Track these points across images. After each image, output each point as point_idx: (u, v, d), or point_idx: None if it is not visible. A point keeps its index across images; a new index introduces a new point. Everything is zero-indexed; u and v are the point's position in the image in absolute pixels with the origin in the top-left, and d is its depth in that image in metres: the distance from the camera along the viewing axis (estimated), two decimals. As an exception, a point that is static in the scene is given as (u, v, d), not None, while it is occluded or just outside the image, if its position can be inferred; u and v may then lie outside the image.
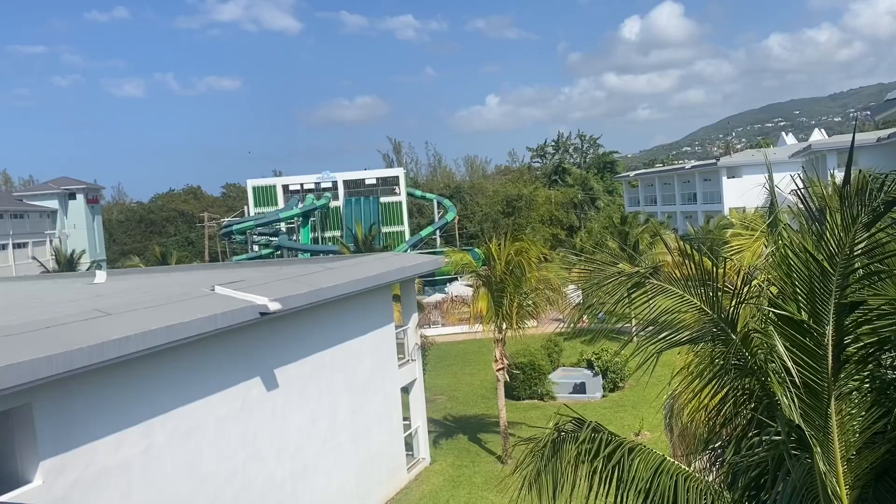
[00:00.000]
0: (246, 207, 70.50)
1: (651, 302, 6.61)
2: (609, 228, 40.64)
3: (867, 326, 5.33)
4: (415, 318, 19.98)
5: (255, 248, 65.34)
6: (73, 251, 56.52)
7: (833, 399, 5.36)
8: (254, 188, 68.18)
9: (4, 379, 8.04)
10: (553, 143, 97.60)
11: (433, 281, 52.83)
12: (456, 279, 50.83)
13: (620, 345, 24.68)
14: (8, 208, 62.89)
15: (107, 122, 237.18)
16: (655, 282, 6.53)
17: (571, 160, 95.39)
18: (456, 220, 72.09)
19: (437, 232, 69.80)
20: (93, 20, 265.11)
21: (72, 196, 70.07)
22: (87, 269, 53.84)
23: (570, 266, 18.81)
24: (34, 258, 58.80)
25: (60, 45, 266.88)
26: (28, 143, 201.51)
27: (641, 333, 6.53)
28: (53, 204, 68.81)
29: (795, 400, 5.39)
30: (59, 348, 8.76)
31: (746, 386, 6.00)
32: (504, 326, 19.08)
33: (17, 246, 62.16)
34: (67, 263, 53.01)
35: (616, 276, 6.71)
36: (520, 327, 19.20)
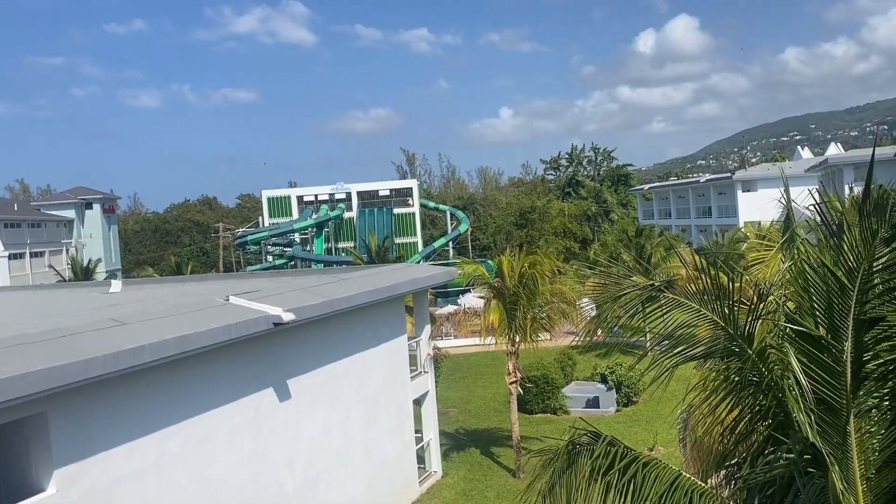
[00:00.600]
0: (260, 218, 70.88)
1: (666, 316, 6.56)
2: (623, 241, 40.48)
3: (887, 343, 5.27)
4: (427, 329, 19.95)
5: (270, 258, 65.59)
6: (90, 260, 57.01)
7: (852, 416, 5.29)
8: (269, 199, 68.56)
9: (20, 387, 8.09)
10: (567, 156, 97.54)
11: (446, 292, 52.76)
12: (468, 291, 50.79)
13: (635, 359, 24.55)
14: (26, 217, 63.50)
15: (124, 133, 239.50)
16: (670, 295, 6.48)
17: (585, 173, 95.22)
18: (469, 232, 72.10)
19: (450, 243, 69.78)
20: (111, 32, 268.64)
21: (88, 206, 70.75)
22: (103, 279, 54.23)
23: (584, 279, 18.79)
24: (51, 267, 59.35)
25: (79, 56, 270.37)
26: (46, 153, 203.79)
27: (656, 347, 6.47)
28: (70, 214, 69.48)
29: (812, 417, 5.32)
30: (74, 357, 8.81)
31: (762, 402, 5.93)
32: (517, 339, 19.00)
33: (35, 255, 62.73)
34: (83, 273, 53.46)
35: (630, 289, 6.67)
36: (533, 340, 19.12)
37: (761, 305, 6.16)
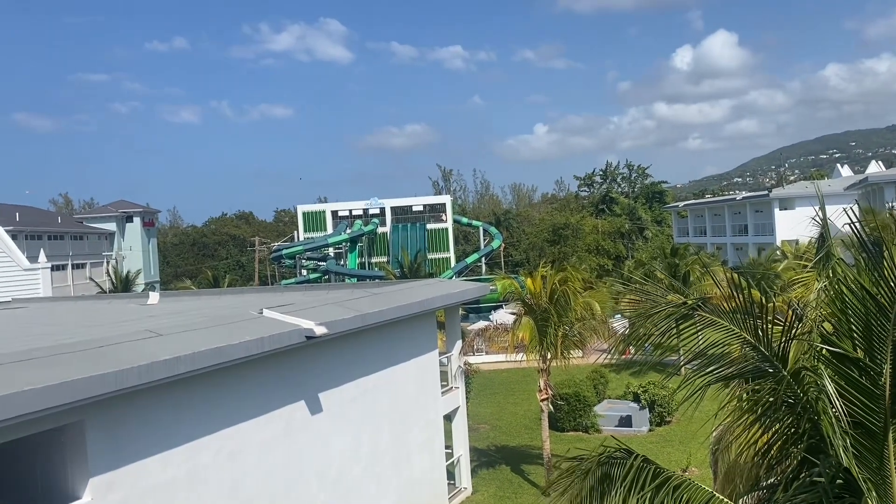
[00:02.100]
0: (296, 232, 71.64)
1: (699, 334, 6.47)
2: (658, 259, 40.05)
3: (927, 366, 5.12)
4: (458, 345, 19.92)
5: (304, 272, 66.17)
6: (129, 272, 58.13)
7: (890, 441, 5.15)
8: (304, 213, 69.33)
9: (59, 396, 8.25)
10: (601, 173, 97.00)
11: (478, 308, 52.58)
12: (500, 307, 50.59)
13: (666, 377, 24.21)
14: (69, 230, 64.99)
15: (164, 148, 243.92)
16: (704, 313, 6.40)
17: (619, 190, 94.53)
18: (502, 248, 71.98)
19: (483, 259, 69.70)
20: (153, 50, 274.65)
21: (129, 219, 72.22)
22: (142, 291, 55.24)
23: (617, 296, 18.69)
24: (91, 279, 60.63)
25: (122, 72, 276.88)
26: (89, 167, 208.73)
27: (689, 366, 6.38)
28: (111, 226, 70.99)
29: (848, 441, 5.19)
30: (111, 367, 8.97)
31: (796, 425, 5.80)
32: (548, 356, 18.89)
33: (76, 266, 64.13)
34: (123, 284, 54.50)
35: (664, 306, 6.60)
36: (564, 357, 18.99)
37: (796, 325, 6.04)
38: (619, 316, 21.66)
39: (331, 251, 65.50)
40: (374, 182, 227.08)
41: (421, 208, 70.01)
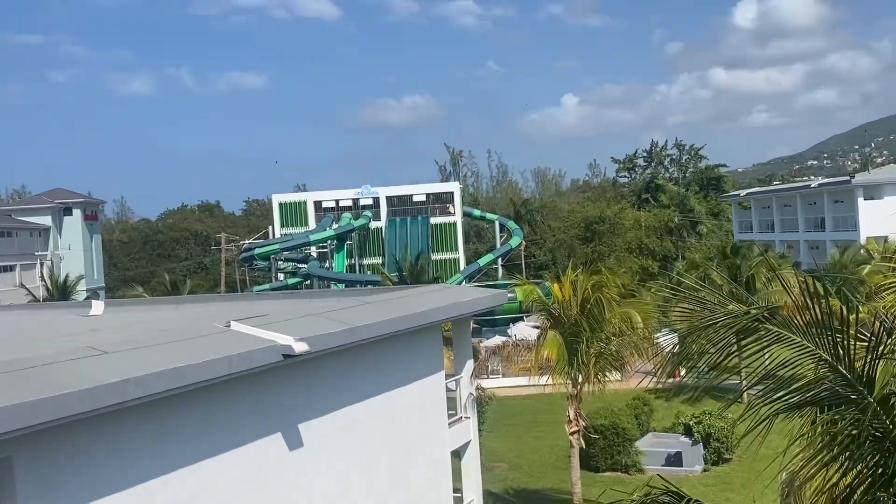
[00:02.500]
0: (270, 228, 71.94)
1: (766, 352, 6.47)
2: (714, 260, 39.98)
3: None
4: (470, 365, 19.94)
5: (281, 276, 66.33)
6: (67, 276, 58.39)
7: None
8: (280, 205, 69.65)
9: (-17, 427, 8.28)
10: (645, 154, 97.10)
11: (493, 320, 52.65)
12: (521, 319, 50.60)
13: (725, 405, 24.19)
14: (-6, 225, 65.22)
15: (110, 125, 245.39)
16: (772, 327, 6.40)
17: (667, 175, 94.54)
18: (522, 247, 72.09)
19: (500, 261, 69.81)
20: (97, 5, 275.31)
21: (67, 211, 72.44)
22: (83, 299, 55.44)
23: (664, 305, 18.63)
24: (21, 285, 60.93)
25: (59, 34, 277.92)
26: (20, 148, 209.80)
27: (753, 392, 6.38)
28: (46, 220, 71.13)
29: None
30: (45, 392, 9.00)
31: (885, 464, 5.79)
32: (579, 379, 18.91)
33: (3, 269, 64.37)
34: (60, 291, 54.76)
35: (722, 318, 6.59)
36: (599, 381, 19.02)
37: (885, 341, 6.03)
38: (667, 330, 21.60)
39: (313, 251, 65.69)
40: (366, 166, 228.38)
41: (423, 198, 70.17)
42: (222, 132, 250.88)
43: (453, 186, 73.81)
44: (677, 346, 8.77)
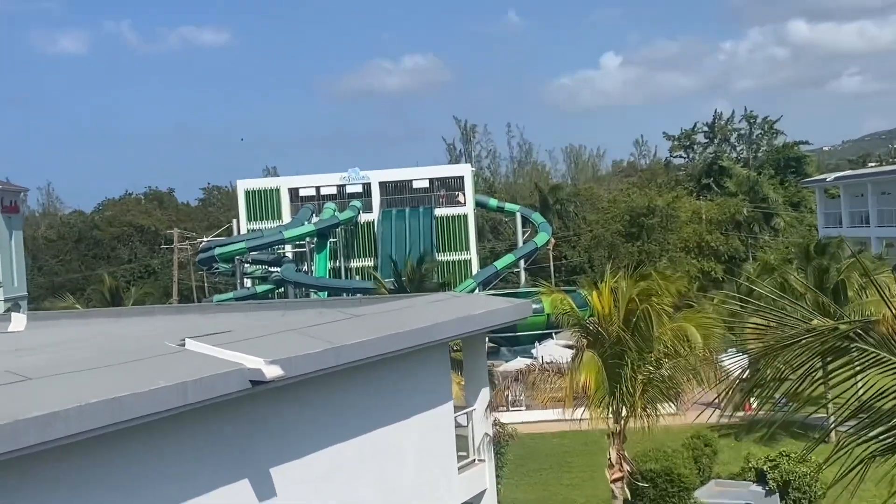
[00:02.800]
0: (235, 222, 72.05)
1: (859, 379, 6.45)
2: (794, 262, 39.90)
3: None
4: (485, 395, 19.95)
5: (248, 282, 66.37)
6: (-20, 283, 58.53)
7: None
8: (247, 193, 69.77)
9: None
10: (706, 129, 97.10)
11: (515, 338, 52.55)
12: (550, 336, 50.40)
13: (809, 445, 24.14)
14: None
15: (33, 94, 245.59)
16: (866, 347, 6.38)
17: (734, 155, 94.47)
18: (551, 246, 72.03)
19: (522, 263, 69.73)
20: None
21: (-22, 202, 72.65)
22: (1, 312, 55.60)
23: (730, 320, 18.52)
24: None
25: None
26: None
27: (843, 428, 6.36)
28: (-47, 212, 71.35)
29: None
30: (-45, 428, 9.02)
31: None
32: (623, 412, 18.92)
33: None
34: (-28, 301, 54.90)
35: (804, 336, 6.57)
36: (648, 414, 19.01)
37: None
38: (735, 350, 21.59)
39: (288, 250, 65.74)
40: (354, 145, 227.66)
41: (426, 184, 70.21)
42: (174, 102, 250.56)
43: (464, 169, 73.79)
44: (747, 371, 8.76)
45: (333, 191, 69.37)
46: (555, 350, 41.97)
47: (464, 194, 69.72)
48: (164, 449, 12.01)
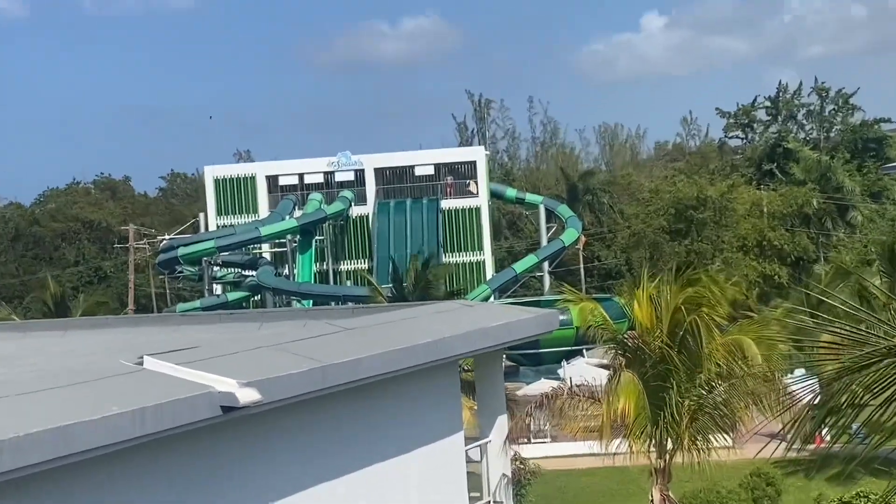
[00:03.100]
0: (202, 216, 71.98)
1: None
2: (874, 264, 39.76)
3: None
4: (503, 424, 19.98)
5: (217, 289, 66.38)
6: None
7: None
8: (216, 182, 69.66)
9: None
10: (768, 104, 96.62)
11: (538, 356, 52.49)
12: (580, 354, 50.21)
13: (892, 485, 24.19)
14: None
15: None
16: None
17: (802, 135, 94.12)
18: (581, 245, 71.82)
19: (547, 265, 69.56)
20: None
21: None
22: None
23: (798, 335, 18.39)
24: None
25: None
26: None
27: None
28: None
29: None
30: None
31: None
32: (668, 445, 18.92)
33: None
34: None
35: (885, 355, 6.58)
36: (698, 448, 19.00)
37: None
38: (803, 371, 21.57)
39: (265, 250, 65.76)
40: (345, 124, 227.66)
41: (431, 170, 70.14)
42: (130, 75, 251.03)
43: (476, 153, 73.74)
44: (818, 397, 8.75)
45: (320, 179, 69.33)
46: (586, 370, 41.82)
47: (476, 183, 69.67)
48: (117, 486, 12.05)
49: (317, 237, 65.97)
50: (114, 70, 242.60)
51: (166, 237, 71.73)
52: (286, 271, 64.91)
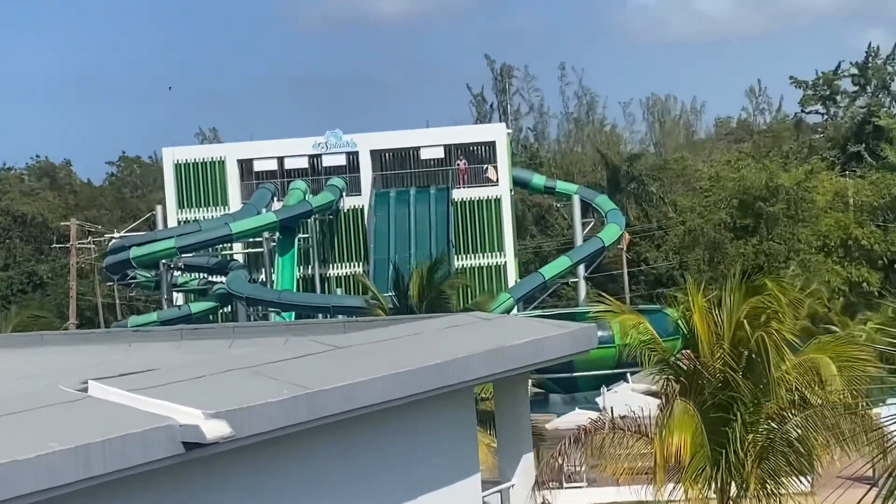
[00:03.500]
0: (160, 209, 72.06)
1: None
2: None
3: None
4: (528, 465, 20.00)
5: (178, 298, 66.42)
6: None
7: None
8: (177, 167, 69.79)
9: None
10: (855, 72, 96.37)
11: (571, 381, 52.45)
12: (623, 378, 50.04)
13: None
14: None
15: None
16: None
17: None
18: (625, 244, 71.75)
19: (583, 269, 69.42)
20: None
21: None
22: None
23: (891, 350, 18.29)
24: None
25: None
26: None
27: None
28: None
29: None
30: None
31: None
32: (733, 489, 18.94)
33: None
34: None
35: None
36: (769, 492, 18.99)
37: None
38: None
39: (238, 251, 65.80)
40: (335, 96, 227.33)
41: (440, 153, 70.16)
42: (69, 36, 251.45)
43: (496, 131, 73.69)
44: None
45: (304, 163, 69.40)
46: (631, 398, 41.88)
47: (496, 168, 69.64)
48: (57, 542, 12.09)
49: (300, 235, 65.98)
50: (49, 31, 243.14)
51: (116, 235, 71.81)
52: (262, 277, 64.94)
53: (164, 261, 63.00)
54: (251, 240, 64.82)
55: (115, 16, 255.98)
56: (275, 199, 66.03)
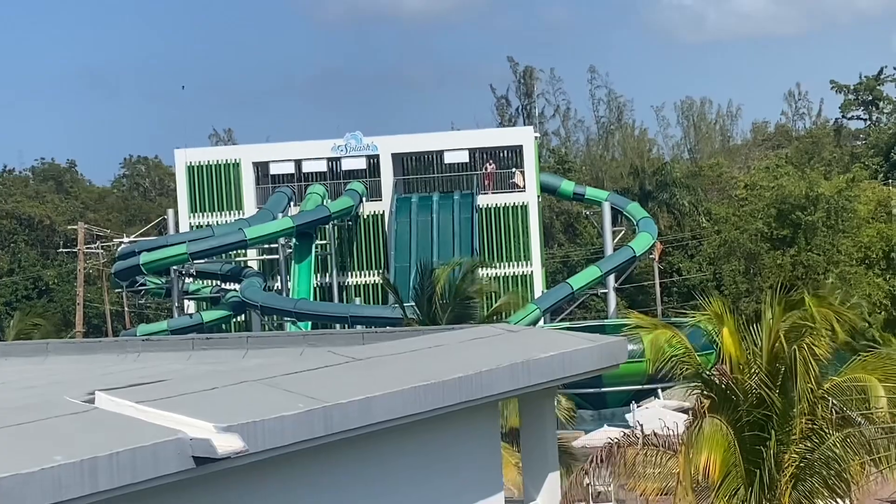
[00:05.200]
0: (171, 213, 72.27)
1: None
2: None
3: None
4: (555, 483, 19.99)
5: (190, 306, 66.53)
6: None
7: None
8: (189, 169, 69.88)
9: None
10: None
11: (600, 396, 52.39)
12: (654, 394, 49.96)
13: None
14: None
15: None
16: None
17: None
18: (657, 254, 71.66)
19: (613, 280, 69.36)
20: None
21: None
22: None
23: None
24: None
25: None
26: None
27: None
28: None
29: None
30: None
31: None
32: (767, 511, 18.91)
33: None
34: None
35: None
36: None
37: None
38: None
39: (252, 257, 65.91)
40: (354, 97, 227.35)
41: (465, 157, 70.16)
42: (76, 31, 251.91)
43: (524, 135, 73.67)
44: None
45: (322, 167, 69.48)
46: (663, 415, 41.84)
47: (523, 173, 69.64)
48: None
49: (318, 241, 65.99)
50: (57, 25, 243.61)
51: (125, 240, 72.00)
52: (278, 285, 65.00)
53: (175, 267, 62.98)
54: (266, 246, 64.81)
55: (122, 7, 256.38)
56: (291, 203, 66.06)
